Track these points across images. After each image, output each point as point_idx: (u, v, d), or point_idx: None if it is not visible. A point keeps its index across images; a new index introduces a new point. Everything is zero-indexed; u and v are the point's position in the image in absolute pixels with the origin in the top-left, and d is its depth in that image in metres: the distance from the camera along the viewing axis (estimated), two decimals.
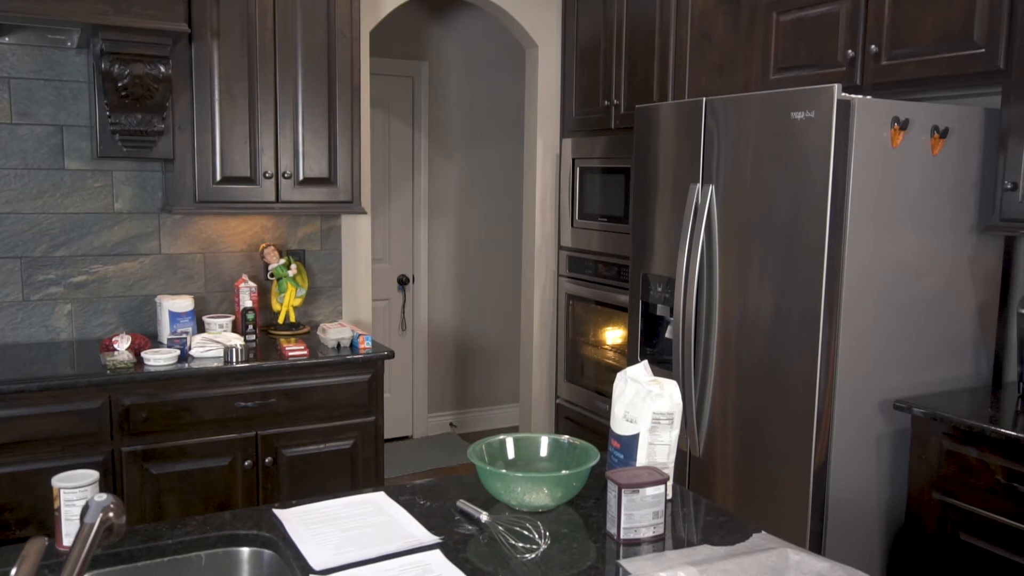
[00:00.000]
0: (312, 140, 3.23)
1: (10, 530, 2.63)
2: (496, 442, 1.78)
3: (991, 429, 2.23)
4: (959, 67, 2.49)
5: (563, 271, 4.15)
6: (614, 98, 3.74)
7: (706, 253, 2.80)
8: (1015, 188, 2.39)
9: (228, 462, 2.91)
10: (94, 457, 2.71)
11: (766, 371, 2.61)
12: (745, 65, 3.20)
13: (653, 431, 1.66)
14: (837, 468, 2.49)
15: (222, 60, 3.05)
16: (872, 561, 2.59)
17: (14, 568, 1.02)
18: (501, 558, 1.44)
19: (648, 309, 3.15)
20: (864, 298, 2.47)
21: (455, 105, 5.21)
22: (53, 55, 3.13)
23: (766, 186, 2.58)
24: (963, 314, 2.66)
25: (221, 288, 3.48)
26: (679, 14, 3.36)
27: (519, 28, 4.17)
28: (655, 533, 1.52)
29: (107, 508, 1.12)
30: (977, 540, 2.29)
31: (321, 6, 3.18)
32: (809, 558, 1.41)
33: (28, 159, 3.14)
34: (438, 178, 5.22)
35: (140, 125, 2.90)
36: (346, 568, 1.39)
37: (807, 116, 2.42)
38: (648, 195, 3.09)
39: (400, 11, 3.92)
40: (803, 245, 2.46)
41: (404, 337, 5.21)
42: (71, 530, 1.43)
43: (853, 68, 2.77)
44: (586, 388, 3.96)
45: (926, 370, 2.60)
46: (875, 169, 2.42)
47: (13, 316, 3.16)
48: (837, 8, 2.81)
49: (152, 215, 3.34)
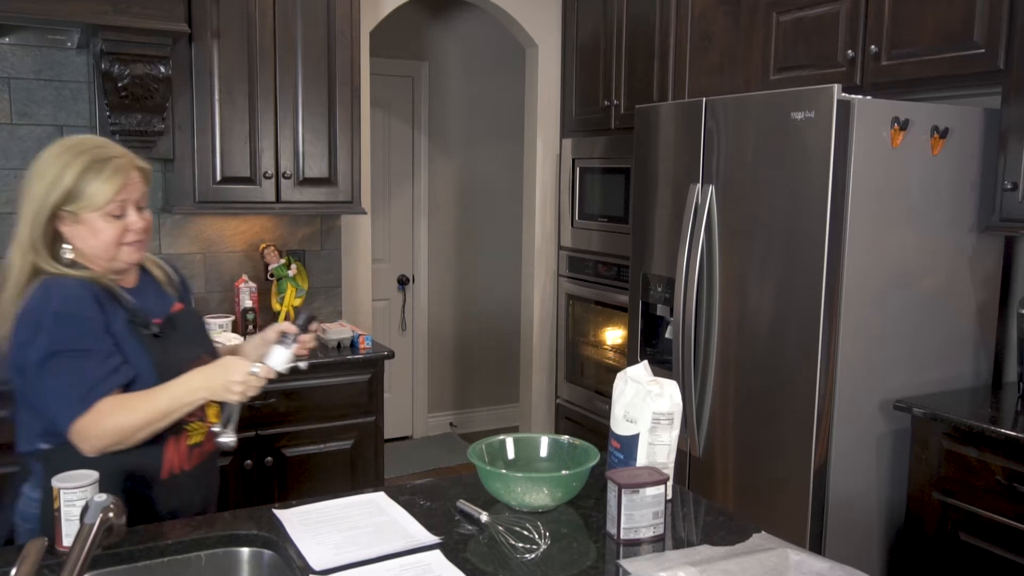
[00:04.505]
0: (312, 140, 3.22)
1: None
2: (496, 442, 1.78)
3: (991, 429, 2.23)
4: (959, 67, 2.49)
5: (563, 271, 4.15)
6: (614, 98, 3.74)
7: (706, 253, 2.80)
8: (1015, 188, 2.39)
9: (228, 462, 2.91)
10: None
11: (766, 371, 2.61)
12: (745, 65, 3.20)
13: (653, 431, 1.66)
14: (837, 468, 2.49)
15: (222, 60, 3.05)
16: (872, 561, 2.59)
17: (14, 568, 1.02)
18: (501, 558, 1.44)
19: (648, 309, 3.15)
20: (864, 298, 2.47)
21: (455, 105, 5.21)
22: (53, 55, 3.13)
23: (766, 186, 2.58)
24: (963, 314, 2.66)
25: (221, 288, 3.47)
26: (679, 14, 3.36)
27: (519, 28, 4.17)
28: (655, 533, 1.52)
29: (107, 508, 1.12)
30: (977, 540, 2.29)
31: (321, 6, 3.18)
32: (809, 558, 1.41)
33: (28, 159, 3.10)
34: (438, 178, 5.22)
35: (140, 125, 2.89)
36: (346, 568, 1.39)
37: (807, 116, 2.42)
38: (648, 195, 3.09)
39: (400, 11, 3.92)
40: (803, 245, 2.46)
41: (404, 337, 5.21)
42: (71, 530, 1.43)
43: (853, 68, 2.76)
44: (586, 388, 3.96)
45: (926, 370, 2.60)
46: (875, 169, 2.42)
47: None
48: (837, 8, 2.81)
49: (152, 215, 3.33)
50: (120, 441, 1.57)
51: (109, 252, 1.65)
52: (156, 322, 1.69)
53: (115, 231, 1.64)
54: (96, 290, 1.64)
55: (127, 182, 1.64)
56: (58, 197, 1.60)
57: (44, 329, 1.56)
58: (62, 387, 1.56)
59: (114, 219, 1.63)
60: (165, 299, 1.80)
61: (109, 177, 1.61)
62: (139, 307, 1.69)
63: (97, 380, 1.57)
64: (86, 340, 1.58)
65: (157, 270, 1.84)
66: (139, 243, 1.69)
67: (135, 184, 1.66)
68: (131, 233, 1.66)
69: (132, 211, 1.66)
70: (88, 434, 1.55)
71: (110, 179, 1.61)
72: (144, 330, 1.66)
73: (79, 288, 1.61)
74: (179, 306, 1.81)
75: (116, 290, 1.67)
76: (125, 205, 1.65)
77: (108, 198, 1.61)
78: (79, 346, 1.57)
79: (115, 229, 1.64)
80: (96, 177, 1.60)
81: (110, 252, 1.65)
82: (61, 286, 1.60)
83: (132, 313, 1.66)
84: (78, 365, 1.56)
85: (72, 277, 1.63)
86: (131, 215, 1.66)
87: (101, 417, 1.55)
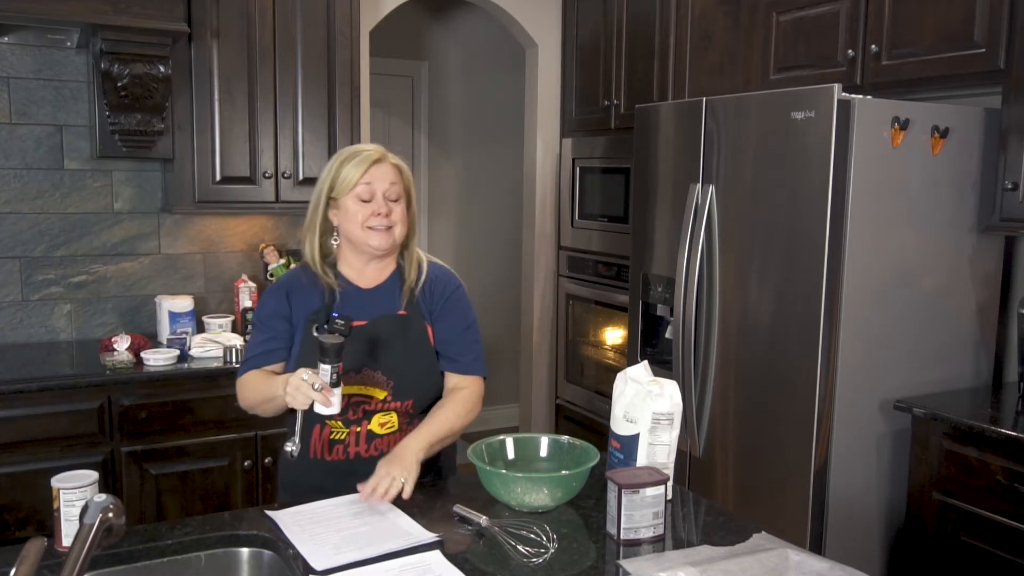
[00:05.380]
0: (312, 140, 3.22)
1: (9, 530, 2.63)
2: (496, 442, 1.78)
3: (991, 429, 2.22)
4: (959, 67, 2.48)
5: (563, 271, 4.15)
6: (614, 98, 3.74)
7: (706, 253, 2.79)
8: (1015, 188, 2.39)
9: (228, 462, 2.91)
10: (93, 457, 2.71)
11: (766, 371, 2.61)
12: (745, 65, 3.20)
13: (653, 431, 1.66)
14: (837, 468, 2.49)
15: (222, 60, 3.05)
16: (872, 561, 2.58)
17: (13, 568, 1.01)
18: (501, 558, 1.44)
19: (648, 309, 3.14)
20: (864, 298, 2.46)
21: (455, 105, 5.21)
22: (53, 55, 3.13)
23: (766, 186, 2.58)
24: (963, 314, 2.65)
25: (221, 288, 3.47)
26: (679, 14, 3.36)
27: (519, 28, 4.17)
28: (655, 533, 1.52)
29: (106, 508, 1.12)
30: (977, 540, 2.29)
31: (321, 6, 3.18)
32: (809, 558, 1.41)
33: (28, 159, 3.14)
34: (438, 178, 5.22)
35: (140, 125, 2.89)
36: (346, 568, 1.39)
37: (807, 116, 2.42)
38: (648, 195, 3.09)
39: (400, 11, 3.91)
40: (803, 245, 2.46)
41: None
42: (70, 530, 1.43)
43: (853, 68, 2.76)
44: (586, 388, 3.96)
45: (926, 370, 2.60)
46: (875, 169, 2.42)
47: (13, 316, 3.16)
48: (837, 8, 2.81)
49: (152, 215, 3.34)
50: (251, 408, 1.86)
51: (358, 234, 1.82)
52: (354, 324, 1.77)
53: (363, 213, 1.81)
54: (300, 281, 1.88)
55: (372, 169, 1.82)
56: (327, 187, 1.85)
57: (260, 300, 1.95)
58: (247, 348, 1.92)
59: (363, 203, 1.81)
60: (392, 305, 1.88)
61: (357, 164, 1.82)
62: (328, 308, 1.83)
63: (253, 353, 1.87)
64: (264, 320, 1.88)
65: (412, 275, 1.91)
66: (386, 231, 1.82)
67: (384, 172, 1.83)
68: (375, 217, 1.81)
69: (381, 197, 1.82)
70: (238, 391, 1.88)
71: (358, 166, 1.82)
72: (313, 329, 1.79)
73: (285, 277, 1.95)
74: (401, 312, 1.88)
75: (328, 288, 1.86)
76: (374, 191, 1.81)
77: (355, 180, 1.80)
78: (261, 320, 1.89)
79: (363, 211, 1.81)
80: (347, 164, 1.83)
81: (359, 234, 1.82)
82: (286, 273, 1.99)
83: (316, 312, 1.83)
84: (255, 335, 1.90)
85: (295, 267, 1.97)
86: (378, 200, 1.81)
87: (242, 384, 1.87)
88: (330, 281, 1.86)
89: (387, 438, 1.84)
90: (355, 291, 1.88)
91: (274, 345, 1.86)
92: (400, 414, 1.86)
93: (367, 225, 1.81)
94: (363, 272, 1.89)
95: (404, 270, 1.91)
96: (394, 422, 1.85)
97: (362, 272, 1.89)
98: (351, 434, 1.83)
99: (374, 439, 1.84)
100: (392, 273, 1.91)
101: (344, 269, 1.90)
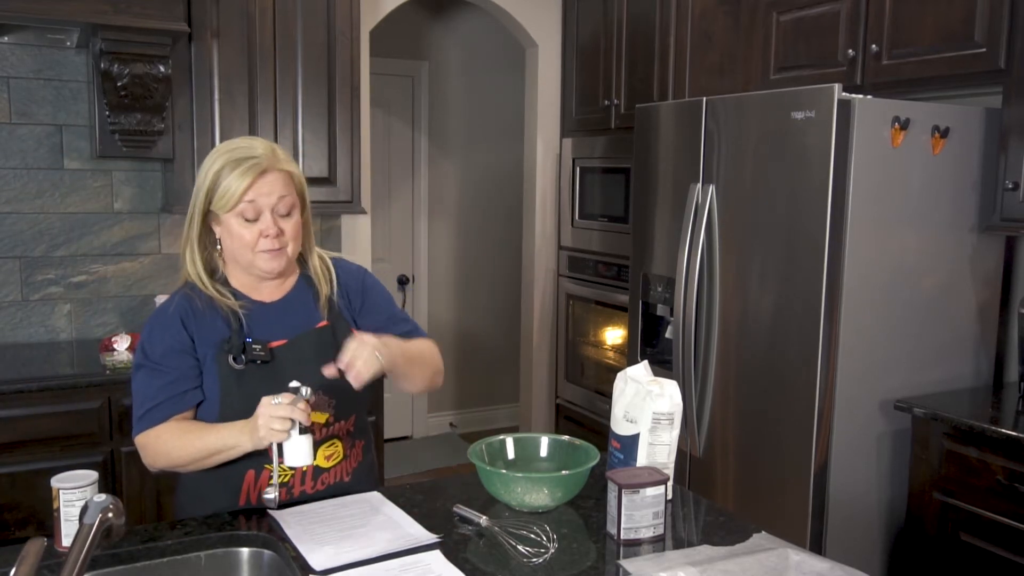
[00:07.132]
0: (312, 140, 3.22)
1: (9, 530, 2.63)
2: (496, 442, 1.78)
3: (992, 429, 2.22)
4: (960, 67, 2.48)
5: (563, 271, 4.15)
6: (614, 98, 3.74)
7: (706, 253, 2.79)
8: (1016, 188, 2.39)
9: None
10: (93, 457, 2.70)
11: (766, 371, 2.61)
12: (745, 65, 3.20)
13: (653, 431, 1.66)
14: (837, 468, 2.48)
15: (222, 60, 3.05)
16: (872, 561, 2.58)
17: (13, 568, 1.01)
18: (501, 558, 1.44)
19: (648, 309, 3.14)
20: (864, 298, 2.46)
21: (455, 105, 5.21)
22: (53, 55, 3.13)
23: (766, 186, 2.58)
24: (964, 314, 2.65)
25: None
26: (679, 14, 3.36)
27: (519, 28, 4.17)
28: (655, 533, 1.52)
29: (106, 508, 1.12)
30: (978, 540, 2.29)
31: (321, 6, 3.18)
32: (809, 558, 1.41)
33: (28, 159, 3.14)
34: (438, 178, 5.21)
35: (140, 125, 2.89)
36: (346, 568, 1.39)
37: (807, 116, 2.42)
38: (648, 195, 3.09)
39: (400, 11, 3.91)
40: (803, 245, 2.46)
41: None
42: (70, 530, 1.43)
43: (853, 68, 2.76)
44: (586, 388, 3.96)
45: (926, 370, 2.60)
46: (875, 169, 2.42)
47: (13, 316, 3.16)
48: (837, 8, 2.81)
49: (152, 215, 3.34)
50: (171, 467, 1.59)
51: (246, 257, 1.58)
52: (272, 345, 1.59)
53: (250, 234, 1.55)
54: (194, 306, 1.60)
55: (258, 182, 1.53)
56: (202, 197, 1.57)
57: (142, 338, 1.62)
58: (135, 398, 1.60)
59: (248, 222, 1.55)
60: (309, 317, 1.67)
61: (240, 176, 1.52)
62: (238, 334, 1.59)
63: (156, 402, 1.57)
64: (160, 360, 1.58)
65: (324, 284, 1.71)
66: (278, 252, 1.58)
67: (271, 185, 1.55)
68: (265, 239, 1.56)
69: (269, 216, 1.56)
70: (143, 452, 1.61)
71: (241, 177, 1.52)
72: (230, 360, 1.57)
73: (171, 304, 1.62)
74: (323, 324, 1.68)
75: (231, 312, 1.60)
76: (260, 208, 1.55)
77: (238, 196, 1.53)
78: (155, 362, 1.58)
79: (249, 232, 1.55)
80: (227, 174, 1.53)
81: (247, 257, 1.58)
82: (170, 298, 1.64)
83: (227, 341, 1.58)
84: (149, 381, 1.58)
85: (180, 290, 1.64)
86: (266, 220, 1.56)
87: (154, 442, 1.58)
88: (230, 303, 1.61)
89: (334, 470, 1.71)
90: (260, 308, 1.65)
91: (184, 387, 1.58)
92: (343, 438, 1.72)
93: (257, 249, 1.57)
94: (259, 287, 1.67)
95: (311, 280, 1.70)
96: (339, 451, 1.71)
97: (258, 287, 1.67)
98: (296, 474, 1.65)
99: (321, 474, 1.68)
100: (297, 281, 1.70)
101: (237, 285, 1.66)
